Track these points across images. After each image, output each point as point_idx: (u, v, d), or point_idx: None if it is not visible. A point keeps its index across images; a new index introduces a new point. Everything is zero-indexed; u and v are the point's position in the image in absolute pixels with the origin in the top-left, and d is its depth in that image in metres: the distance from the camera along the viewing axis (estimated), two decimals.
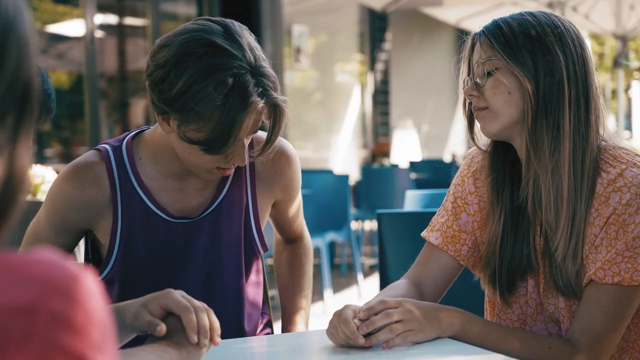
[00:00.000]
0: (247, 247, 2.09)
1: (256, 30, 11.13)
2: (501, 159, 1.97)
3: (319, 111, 12.86)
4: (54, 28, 9.11)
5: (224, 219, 2.05)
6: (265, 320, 2.25)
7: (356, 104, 13.30)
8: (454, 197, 2.09)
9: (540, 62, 1.82)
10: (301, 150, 12.39)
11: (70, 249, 2.07)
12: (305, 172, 8.02)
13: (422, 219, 3.18)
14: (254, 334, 2.16)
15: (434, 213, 3.17)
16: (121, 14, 9.69)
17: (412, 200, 4.55)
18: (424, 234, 2.11)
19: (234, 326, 2.10)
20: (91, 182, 1.98)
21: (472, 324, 1.80)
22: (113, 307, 1.53)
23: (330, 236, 6.81)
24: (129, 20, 9.81)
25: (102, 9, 8.86)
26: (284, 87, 11.14)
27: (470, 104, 1.95)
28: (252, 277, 2.17)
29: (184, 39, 1.81)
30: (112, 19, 9.61)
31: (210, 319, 1.48)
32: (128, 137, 2.06)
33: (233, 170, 1.96)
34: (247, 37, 1.86)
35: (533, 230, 1.91)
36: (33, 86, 0.80)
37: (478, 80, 1.87)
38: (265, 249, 2.13)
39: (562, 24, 1.87)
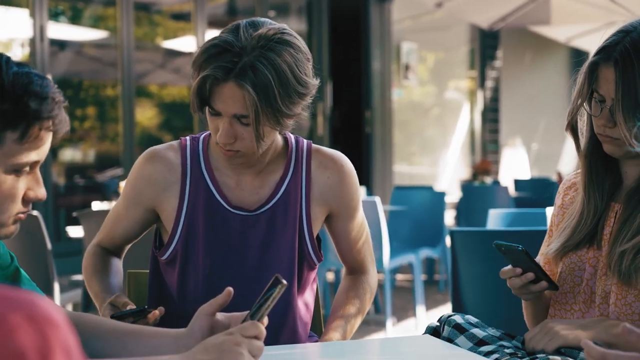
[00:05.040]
0: (300, 251, 2.20)
1: (365, 47, 11.28)
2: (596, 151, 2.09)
3: (433, 127, 12.90)
4: (170, 44, 9.43)
5: (279, 217, 2.18)
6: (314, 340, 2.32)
7: (466, 120, 13.28)
8: (551, 219, 2.22)
9: None
10: (417, 166, 12.45)
11: (138, 228, 2.27)
12: (402, 189, 8.11)
13: (494, 237, 3.25)
14: (305, 337, 2.25)
15: (510, 232, 3.24)
16: None
17: (496, 218, 4.59)
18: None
19: (287, 324, 2.20)
20: (163, 161, 2.21)
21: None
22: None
23: (425, 252, 6.86)
24: None
25: (213, 24, 9.13)
26: (391, 102, 11.23)
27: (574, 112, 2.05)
28: (307, 285, 2.26)
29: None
30: None
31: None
32: (208, 132, 2.26)
33: (234, 156, 2.09)
34: (270, 38, 2.01)
35: (607, 213, 2.05)
36: None
37: (621, 118, 1.92)
38: (319, 258, 2.23)
39: None
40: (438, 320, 2.10)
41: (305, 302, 2.27)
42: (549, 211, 4.33)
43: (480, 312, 3.40)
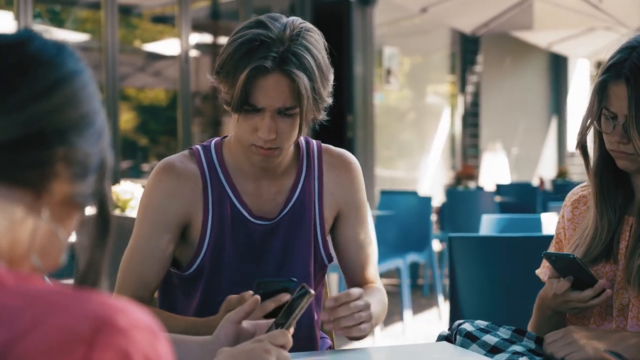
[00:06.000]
0: (314, 253, 2.18)
1: (347, 51, 11.28)
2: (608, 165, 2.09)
3: (410, 132, 12.93)
4: (151, 47, 9.39)
5: (296, 221, 2.16)
6: (327, 347, 2.30)
7: (446, 125, 13.32)
8: (556, 232, 2.22)
9: None
10: (394, 170, 12.46)
11: (171, 255, 2.11)
12: (388, 193, 8.11)
13: (493, 243, 3.26)
14: (318, 338, 2.25)
15: (505, 238, 3.24)
16: (215, 33, 9.93)
17: (489, 224, 4.61)
18: (538, 271, 2.22)
19: (303, 326, 2.18)
20: (186, 174, 2.13)
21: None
22: None
23: (412, 257, 6.87)
24: (223, 40, 10.03)
25: (197, 28, 9.10)
26: (373, 107, 11.25)
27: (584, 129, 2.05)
28: (317, 287, 2.25)
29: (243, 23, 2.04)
30: (206, 38, 9.86)
31: None
32: (216, 139, 2.21)
33: (272, 155, 2.04)
34: (299, 27, 2.00)
35: (622, 227, 2.05)
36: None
37: (636, 134, 1.92)
38: (330, 259, 2.22)
39: None
40: (449, 329, 2.11)
41: (317, 303, 2.27)
42: (544, 217, 4.36)
43: (478, 318, 3.42)
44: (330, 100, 2.07)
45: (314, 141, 2.25)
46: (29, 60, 0.95)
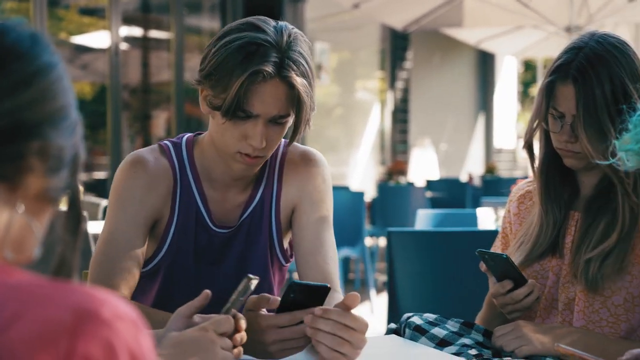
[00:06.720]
0: (272, 253, 2.15)
1: None
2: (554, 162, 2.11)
3: (339, 127, 12.98)
4: (79, 39, 9.26)
5: (255, 226, 2.12)
6: None
7: (375, 121, 13.40)
8: (502, 227, 2.25)
9: (618, 126, 1.94)
10: None
11: (144, 247, 2.05)
12: None
13: (432, 238, 3.29)
14: None
15: (444, 232, 3.28)
16: (146, 26, 9.84)
17: (424, 219, 4.66)
18: (483, 268, 2.21)
19: None
20: (158, 169, 2.07)
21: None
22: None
23: (345, 252, 6.91)
24: (154, 33, 9.96)
25: (127, 21, 9.00)
26: None
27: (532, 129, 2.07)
28: (277, 286, 2.23)
29: (231, 24, 1.96)
30: (136, 31, 9.76)
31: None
32: (187, 136, 2.14)
33: (256, 163, 1.99)
34: (293, 33, 1.93)
35: (567, 222, 2.08)
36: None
37: (583, 134, 1.95)
38: (286, 259, 2.18)
39: None
40: (397, 322, 2.11)
41: None
42: (479, 212, 4.43)
43: (417, 312, 3.45)
44: (315, 109, 1.99)
45: (281, 142, 2.15)
46: (5, 53, 0.95)
